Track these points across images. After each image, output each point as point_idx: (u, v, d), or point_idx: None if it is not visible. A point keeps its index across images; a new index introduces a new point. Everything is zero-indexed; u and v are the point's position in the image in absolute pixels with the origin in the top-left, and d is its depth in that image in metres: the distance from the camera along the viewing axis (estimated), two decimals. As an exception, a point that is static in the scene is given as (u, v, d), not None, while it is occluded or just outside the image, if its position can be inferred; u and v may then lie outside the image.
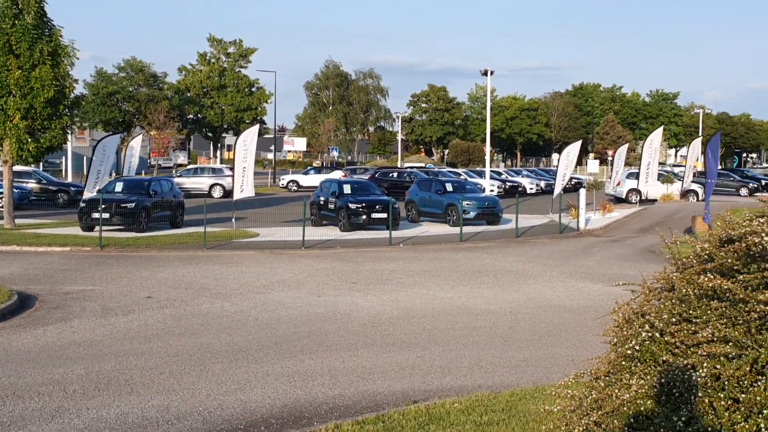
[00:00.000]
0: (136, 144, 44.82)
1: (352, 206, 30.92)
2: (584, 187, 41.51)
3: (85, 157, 59.83)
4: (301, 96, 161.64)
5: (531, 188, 58.17)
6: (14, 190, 32.01)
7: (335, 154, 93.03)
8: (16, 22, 28.53)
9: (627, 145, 46.36)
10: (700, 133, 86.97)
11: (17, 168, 34.41)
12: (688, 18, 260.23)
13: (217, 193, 51.08)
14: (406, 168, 66.65)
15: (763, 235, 5.49)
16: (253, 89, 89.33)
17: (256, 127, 35.18)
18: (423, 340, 13.13)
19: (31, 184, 41.99)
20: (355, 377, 10.79)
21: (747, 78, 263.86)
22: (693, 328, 5.72)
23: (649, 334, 5.94)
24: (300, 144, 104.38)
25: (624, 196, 46.30)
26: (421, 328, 14.00)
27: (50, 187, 43.31)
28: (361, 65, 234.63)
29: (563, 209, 33.84)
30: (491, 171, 52.80)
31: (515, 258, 24.02)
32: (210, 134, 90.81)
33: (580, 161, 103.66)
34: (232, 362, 11.53)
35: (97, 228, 27.29)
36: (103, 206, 27.35)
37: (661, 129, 49.00)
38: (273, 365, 11.37)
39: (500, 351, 12.34)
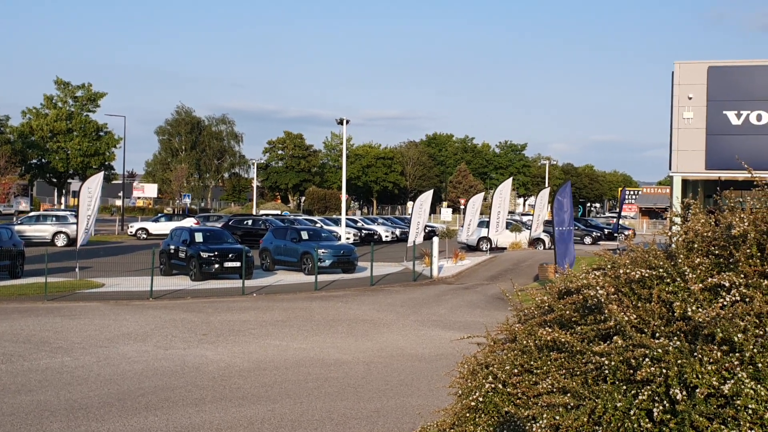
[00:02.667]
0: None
1: (204, 255, 30.37)
2: (437, 235, 42.34)
3: None
4: (153, 141, 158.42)
5: (386, 236, 58.82)
6: None
7: (187, 200, 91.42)
8: None
9: (482, 195, 47.63)
10: (547, 183, 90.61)
11: None
12: (536, 72, 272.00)
13: (60, 241, 49.05)
14: (262, 215, 66.19)
15: (598, 288, 5.70)
16: (101, 134, 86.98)
17: (101, 174, 34.11)
18: (274, 392, 12.93)
19: None
20: (202, 434, 10.49)
21: (590, 131, 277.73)
22: (534, 379, 5.84)
23: (492, 386, 6.04)
24: (150, 190, 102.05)
25: (475, 244, 47.48)
26: (272, 381, 13.80)
27: None
28: (215, 111, 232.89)
29: (417, 257, 34.36)
30: (347, 219, 53.21)
31: (369, 306, 24.12)
32: (55, 180, 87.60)
33: (434, 209, 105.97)
34: (72, 421, 11.01)
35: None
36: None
37: (510, 179, 50.67)
38: (115, 423, 10.92)
39: (352, 402, 12.30)
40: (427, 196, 41.18)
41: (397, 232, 59.90)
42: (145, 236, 58.84)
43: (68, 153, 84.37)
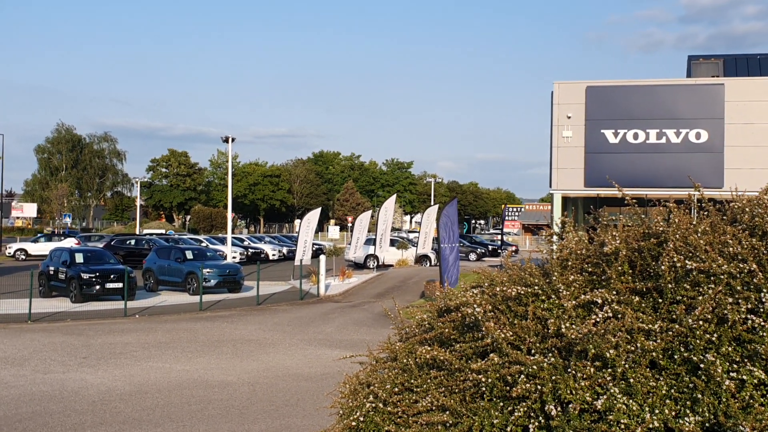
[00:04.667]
0: None
1: (85, 276, 29.50)
2: (325, 253, 42.29)
3: None
4: (32, 160, 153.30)
5: (273, 254, 58.42)
6: None
7: (68, 220, 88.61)
8: None
9: (369, 212, 47.88)
10: (433, 201, 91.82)
11: None
12: (422, 91, 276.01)
13: (-68, 262, 46.82)
14: (146, 235, 64.77)
15: (476, 306, 5.80)
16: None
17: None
18: (156, 416, 12.65)
19: None
20: (80, 461, 10.17)
21: (475, 150, 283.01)
22: (414, 398, 5.89)
23: (373, 405, 6.06)
24: (30, 210, 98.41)
25: (363, 262, 47.64)
26: (154, 404, 13.49)
27: None
28: (97, 128, 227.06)
29: (304, 275, 34.23)
30: (234, 237, 52.57)
31: (255, 326, 23.89)
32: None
33: (322, 227, 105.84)
34: (-60, 453, 10.50)
35: None
36: None
37: (394, 196, 51.18)
38: (-12, 453, 10.48)
39: (236, 424, 12.14)
40: (314, 214, 41.13)
41: (284, 250, 59.58)
42: (24, 257, 56.81)
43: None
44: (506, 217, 79.73)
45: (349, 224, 77.64)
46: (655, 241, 5.57)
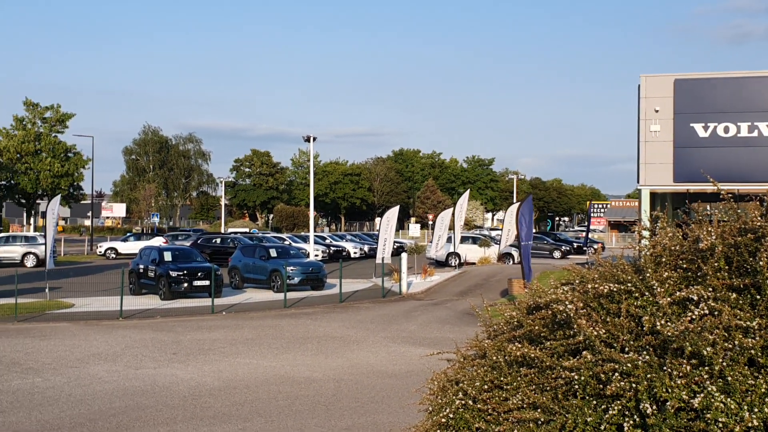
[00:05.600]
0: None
1: (173, 274, 30.18)
2: (406, 251, 42.36)
3: None
4: (120, 161, 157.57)
5: (355, 252, 58.77)
6: None
7: (156, 220, 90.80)
8: None
9: (450, 210, 47.65)
10: (515, 198, 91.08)
11: None
12: (503, 87, 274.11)
13: (30, 262, 48.58)
14: (230, 234, 65.89)
15: (567, 303, 5.74)
16: (70, 154, 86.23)
17: (58, 196, 33.77)
18: (245, 411, 12.86)
19: None
20: (173, 454, 10.42)
21: (558, 145, 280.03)
22: (504, 395, 5.86)
23: (463, 402, 6.04)
24: (119, 210, 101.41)
25: (444, 260, 47.53)
26: (243, 399, 13.72)
27: None
28: (182, 130, 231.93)
29: (386, 273, 34.34)
30: (316, 235, 53.05)
31: (339, 323, 24.08)
32: (24, 201, 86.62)
33: (402, 225, 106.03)
34: (41, 444, 10.89)
35: None
36: None
37: (467, 193, 50.86)
38: (85, 446, 10.81)
39: (323, 420, 12.26)
40: (393, 212, 41.23)
41: (366, 248, 59.85)
42: (114, 256, 58.38)
43: (38, 174, 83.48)
44: (591, 214, 78.49)
45: (430, 222, 77.59)
46: (752, 236, 5.43)
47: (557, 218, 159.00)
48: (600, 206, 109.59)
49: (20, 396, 13.99)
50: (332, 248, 56.54)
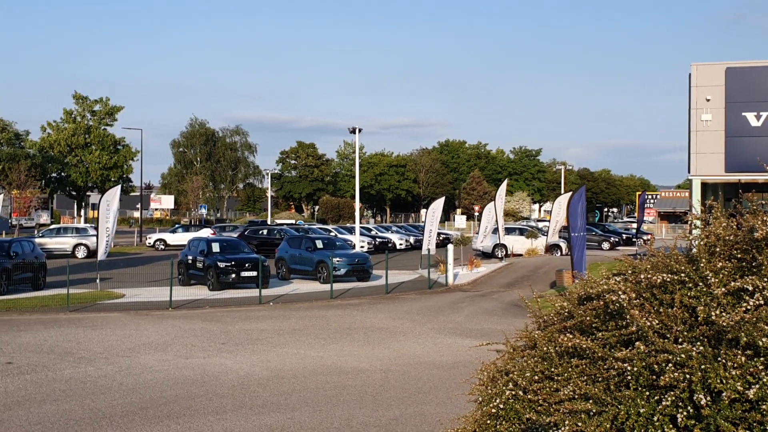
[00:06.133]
0: (-2, 204, 43.04)
1: (221, 265, 30.47)
2: (452, 242, 42.28)
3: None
4: (167, 153, 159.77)
5: (401, 244, 58.77)
6: None
7: (203, 211, 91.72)
8: None
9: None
10: (563, 189, 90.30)
11: None
12: (550, 77, 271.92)
13: (81, 253, 49.43)
14: (276, 225, 66.31)
15: (620, 293, 5.68)
16: (119, 147, 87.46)
17: (118, 186, 34.30)
18: (293, 401, 12.96)
19: None
20: (223, 443, 10.53)
21: (607, 135, 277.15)
22: (555, 386, 5.82)
23: (513, 393, 6.03)
24: (167, 202, 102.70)
25: (491, 251, 47.35)
26: (291, 389, 13.83)
27: None
28: (229, 122, 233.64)
29: (432, 265, 34.31)
30: (361, 227, 53.17)
31: (385, 314, 24.13)
32: (74, 193, 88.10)
33: (448, 217, 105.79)
34: (96, 430, 11.11)
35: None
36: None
37: (505, 183, 50.47)
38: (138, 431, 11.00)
39: (371, 410, 12.31)
40: (439, 204, 41.16)
41: (411, 239, 59.83)
42: (163, 247, 59.14)
43: (87, 166, 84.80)
44: (646, 205, 77.34)
45: (476, 213, 77.34)
46: (808, 226, 5.34)
47: (606, 209, 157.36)
48: (650, 197, 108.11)
49: (73, 384, 14.25)
50: (378, 239, 56.60)
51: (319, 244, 35.51)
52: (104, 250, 31.04)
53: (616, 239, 58.41)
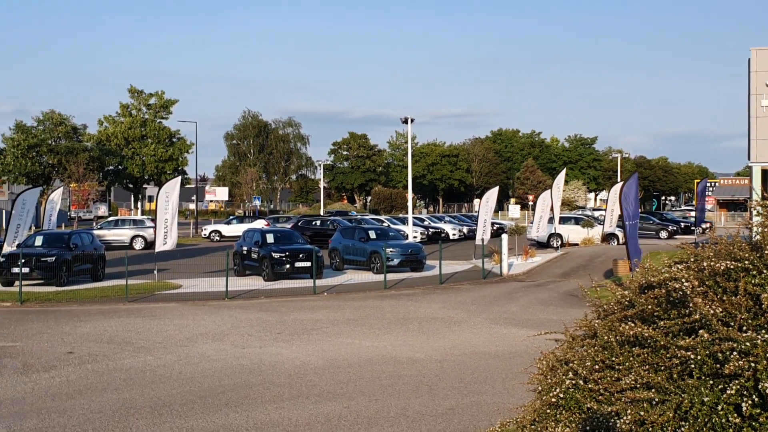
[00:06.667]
0: (57, 197, 43.87)
1: (276, 255, 30.71)
2: (506, 232, 42.05)
3: (3, 211, 58.45)
4: (221, 146, 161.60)
5: (454, 234, 58.60)
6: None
7: (257, 203, 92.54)
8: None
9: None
10: (619, 177, 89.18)
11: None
12: (605, 64, 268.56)
13: (138, 244, 50.24)
14: (329, 216, 66.61)
15: (683, 281, 5.61)
16: (174, 140, 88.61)
17: (178, 178, 34.77)
18: (349, 390, 13.03)
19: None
20: (281, 430, 10.65)
21: (663, 123, 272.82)
22: (616, 375, 5.79)
23: (573, 382, 6.00)
24: (222, 194, 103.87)
25: (545, 241, 46.97)
26: (347, 378, 13.90)
27: (-32, 242, 42.08)
28: (281, 114, 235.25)
29: (486, 255, 34.17)
30: (414, 217, 53.14)
31: (440, 305, 24.11)
32: (131, 185, 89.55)
33: (502, 206, 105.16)
34: (156, 418, 11.28)
35: (17, 283, 26.63)
36: (22, 260, 26.78)
37: (563, 171, 50.04)
38: (197, 420, 11.16)
39: (427, 399, 12.32)
40: (493, 193, 40.95)
41: (465, 229, 59.62)
42: (218, 238, 59.85)
43: (143, 159, 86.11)
44: (707, 192, 75.91)
45: (530, 203, 76.80)
46: None
47: (663, 197, 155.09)
48: (709, 184, 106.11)
49: (133, 374, 14.51)
50: (431, 230, 56.49)
51: (373, 234, 35.58)
52: (164, 241, 31.44)
53: (674, 228, 57.51)
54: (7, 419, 11.27)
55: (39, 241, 30.82)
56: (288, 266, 30.64)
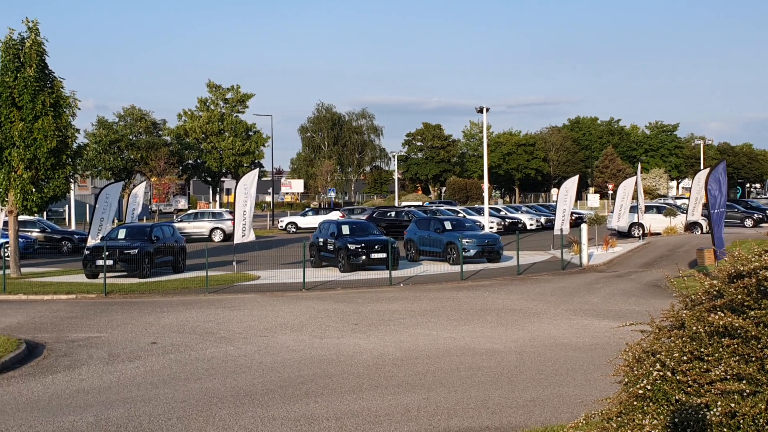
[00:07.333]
0: (139, 191, 44.91)
1: (352, 247, 30.87)
2: (585, 222, 41.46)
3: (87, 205, 60.09)
4: (296, 139, 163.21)
5: (531, 224, 58.01)
6: (19, 239, 32.14)
7: (332, 195, 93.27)
8: (18, 75, 28.96)
9: (633, 179, 46.01)
10: (702, 165, 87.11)
11: (22, 218, 34.53)
12: (685, 49, 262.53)
13: (217, 236, 51.09)
14: (404, 207, 66.65)
15: (775, 270, 5.44)
16: (251, 133, 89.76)
17: (256, 171, 35.21)
18: (428, 381, 13.01)
19: (36, 233, 42.27)
20: (361, 420, 10.68)
21: (747, 108, 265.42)
22: (705, 366, 5.65)
23: (661, 374, 5.87)
24: (297, 186, 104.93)
25: (626, 230, 46.13)
26: (425, 369, 13.88)
27: (54, 236, 43.55)
28: (355, 106, 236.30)
29: (565, 245, 33.71)
30: (490, 208, 52.81)
31: (518, 296, 23.91)
32: (209, 179, 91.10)
33: (581, 195, 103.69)
34: (238, 407, 11.45)
35: (101, 275, 27.36)
36: (106, 253, 27.44)
37: (638, 166, 49.03)
38: (278, 409, 11.28)
39: (507, 391, 12.22)
40: (572, 182, 40.41)
41: (542, 220, 59.00)
42: (294, 230, 60.50)
43: (221, 153, 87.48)
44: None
45: (610, 192, 75.57)
46: None
47: (747, 185, 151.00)
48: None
49: (215, 363, 14.74)
50: (507, 220, 56.04)
51: (448, 225, 35.44)
52: (243, 233, 31.88)
53: (760, 216, 55.88)
54: (94, 408, 11.57)
55: (122, 234, 31.55)
56: (364, 257, 30.76)
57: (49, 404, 11.94)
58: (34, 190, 29.36)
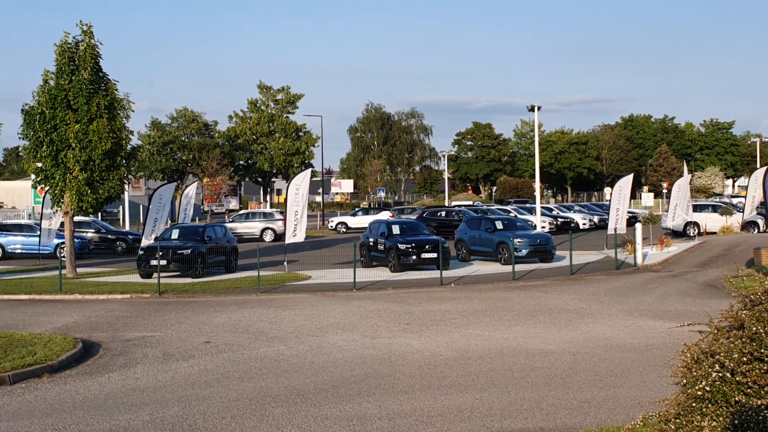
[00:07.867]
0: (192, 192, 45.45)
1: (402, 247, 30.84)
2: (640, 221, 40.90)
3: (141, 206, 61.01)
4: (345, 139, 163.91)
5: (584, 224, 57.43)
6: (75, 240, 32.74)
7: (382, 194, 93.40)
8: (73, 78, 29.51)
9: (688, 177, 45.24)
10: (758, 163, 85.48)
11: (77, 218, 35.16)
12: (741, 46, 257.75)
13: (268, 237, 51.49)
14: (454, 207, 66.47)
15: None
16: (301, 134, 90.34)
17: (308, 171, 35.38)
18: (480, 381, 12.93)
19: (91, 234, 43.03)
20: (413, 420, 10.65)
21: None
22: (765, 368, 5.52)
23: (720, 375, 5.75)
24: (347, 186, 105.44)
25: (681, 230, 45.42)
26: (477, 370, 13.80)
27: (109, 236, 44.27)
28: (404, 106, 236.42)
29: (619, 245, 33.26)
30: (542, 207, 52.40)
31: (571, 296, 23.66)
32: (260, 179, 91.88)
33: (634, 194, 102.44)
34: (291, 406, 11.50)
35: (155, 275, 27.73)
36: (160, 253, 27.79)
37: (684, 164, 48.17)
38: (331, 409, 11.31)
39: (561, 392, 12.09)
40: (626, 181, 39.90)
41: (595, 219, 58.39)
42: (344, 230, 60.71)
43: (272, 153, 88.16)
44: None
45: (665, 190, 74.53)
46: None
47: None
48: None
49: (267, 363, 14.83)
50: (559, 219, 55.55)
51: (499, 225, 35.22)
52: (294, 233, 32.03)
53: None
54: (150, 406, 11.71)
55: (175, 234, 31.96)
56: (414, 257, 30.72)
57: (105, 403, 12.12)
58: (89, 191, 29.88)
